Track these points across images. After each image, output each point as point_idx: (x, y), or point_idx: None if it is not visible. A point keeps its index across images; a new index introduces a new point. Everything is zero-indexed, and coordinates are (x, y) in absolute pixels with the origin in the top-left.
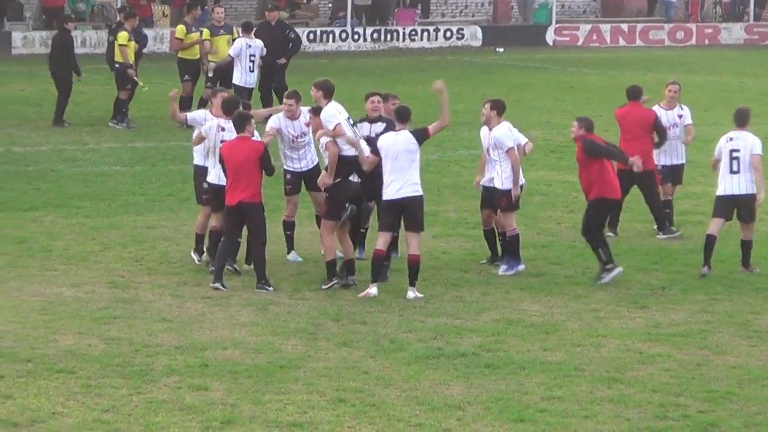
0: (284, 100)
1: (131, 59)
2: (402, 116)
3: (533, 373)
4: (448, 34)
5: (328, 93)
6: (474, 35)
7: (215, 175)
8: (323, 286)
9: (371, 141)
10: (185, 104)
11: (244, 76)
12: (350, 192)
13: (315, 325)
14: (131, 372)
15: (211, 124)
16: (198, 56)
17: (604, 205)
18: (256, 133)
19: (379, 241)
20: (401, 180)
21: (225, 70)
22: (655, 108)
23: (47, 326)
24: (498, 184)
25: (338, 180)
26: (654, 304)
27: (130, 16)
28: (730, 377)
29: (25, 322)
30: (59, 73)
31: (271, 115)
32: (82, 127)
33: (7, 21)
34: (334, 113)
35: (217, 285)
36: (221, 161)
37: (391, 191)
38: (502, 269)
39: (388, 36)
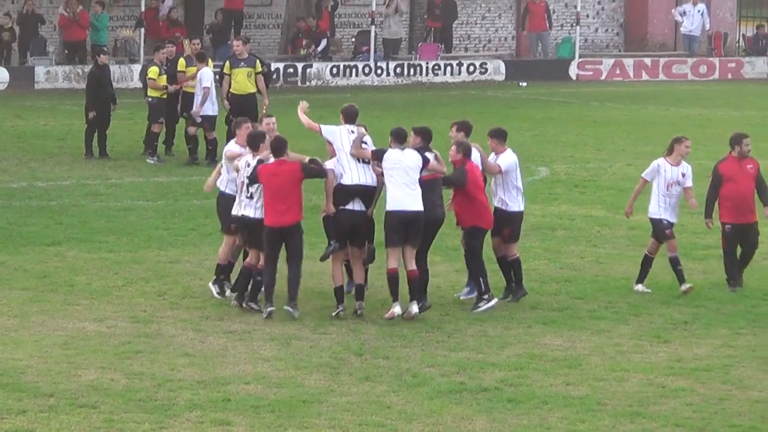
0: (265, 119)
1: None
2: (400, 137)
3: (556, 408)
4: (471, 68)
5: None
6: (497, 69)
7: (247, 209)
8: (332, 313)
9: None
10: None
11: (213, 105)
12: (345, 222)
13: (338, 359)
14: (154, 407)
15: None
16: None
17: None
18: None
19: (393, 259)
20: (414, 194)
21: (243, 102)
22: (660, 161)
23: (70, 361)
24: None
25: (338, 209)
26: (677, 339)
27: (157, 50)
28: (753, 412)
29: (47, 356)
30: (91, 107)
31: None
32: (105, 162)
33: (30, 56)
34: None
35: (272, 308)
36: (256, 184)
37: (399, 204)
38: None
39: (411, 70)
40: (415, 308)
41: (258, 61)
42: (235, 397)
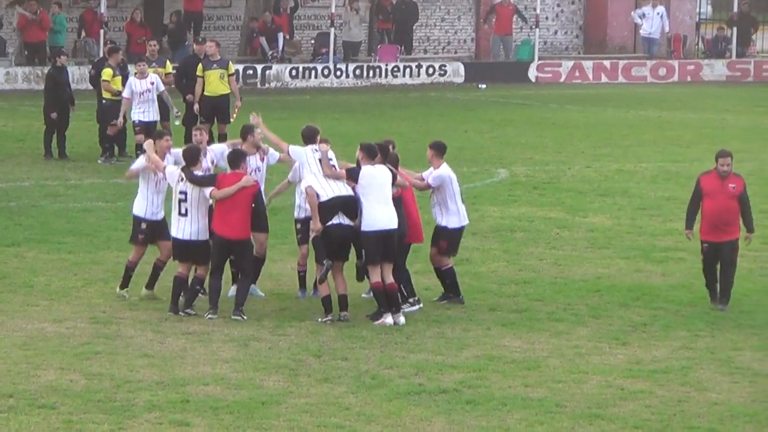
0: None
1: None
2: (371, 153)
3: (514, 410)
4: (431, 70)
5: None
6: (456, 72)
7: (179, 229)
8: (320, 319)
9: None
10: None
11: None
12: (335, 236)
13: (296, 361)
14: (113, 408)
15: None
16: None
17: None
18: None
19: (375, 274)
20: (389, 210)
21: (216, 104)
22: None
23: (29, 361)
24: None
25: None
26: (635, 341)
27: (113, 52)
28: (711, 414)
29: (6, 357)
30: (50, 108)
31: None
32: (65, 163)
33: None
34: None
35: (212, 315)
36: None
37: (376, 223)
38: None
39: (371, 72)
40: (401, 319)
41: (230, 62)
42: (194, 399)
